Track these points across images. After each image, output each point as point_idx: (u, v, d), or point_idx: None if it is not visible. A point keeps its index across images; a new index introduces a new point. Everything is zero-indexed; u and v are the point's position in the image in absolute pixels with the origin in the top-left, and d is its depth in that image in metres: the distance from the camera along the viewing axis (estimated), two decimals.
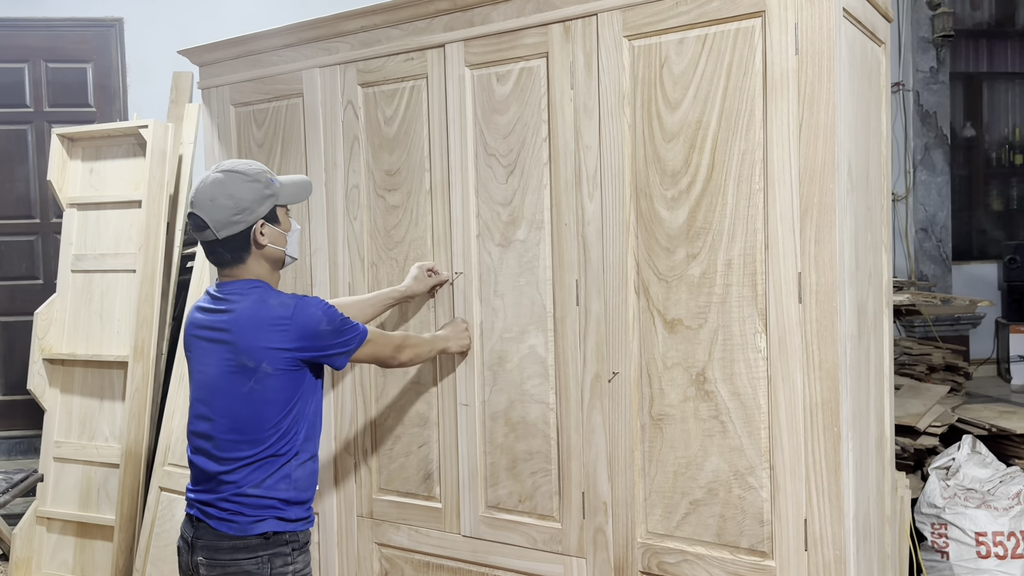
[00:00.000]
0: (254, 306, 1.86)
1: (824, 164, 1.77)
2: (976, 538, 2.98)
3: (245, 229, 1.86)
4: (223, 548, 1.85)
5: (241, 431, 1.87)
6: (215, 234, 1.85)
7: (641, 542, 2.04)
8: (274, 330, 1.84)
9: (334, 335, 1.90)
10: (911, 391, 3.54)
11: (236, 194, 1.84)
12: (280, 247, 1.94)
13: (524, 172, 2.19)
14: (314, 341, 1.87)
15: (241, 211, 1.85)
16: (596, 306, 2.09)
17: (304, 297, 1.91)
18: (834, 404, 1.79)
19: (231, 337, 1.86)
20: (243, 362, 1.84)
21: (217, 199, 1.84)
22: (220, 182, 1.85)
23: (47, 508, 3.77)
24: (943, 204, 4.99)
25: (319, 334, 1.87)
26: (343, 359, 1.94)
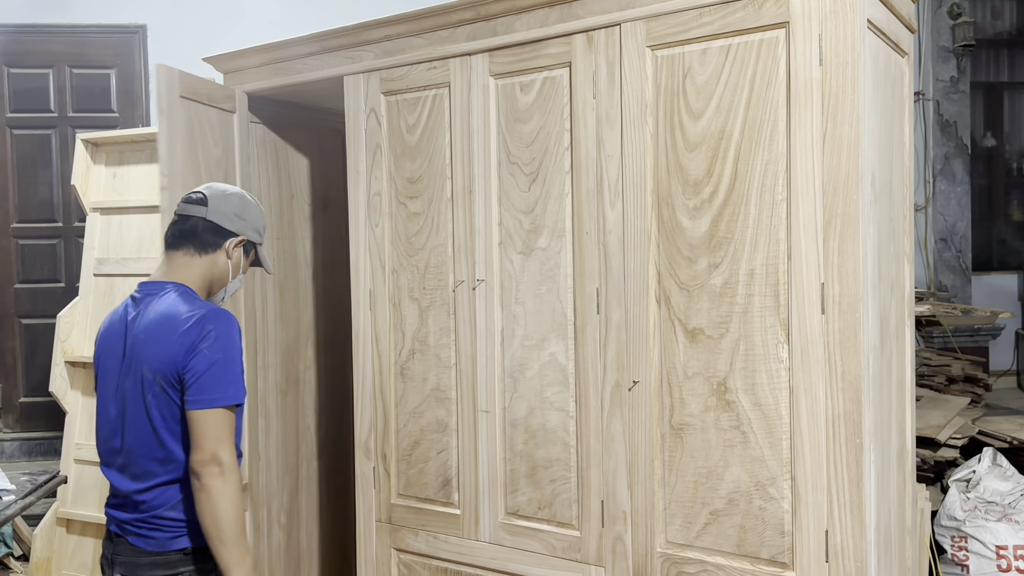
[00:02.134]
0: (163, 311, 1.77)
1: (848, 175, 1.77)
2: (997, 551, 2.96)
3: (230, 233, 1.90)
4: (142, 564, 1.78)
5: (144, 441, 1.77)
6: (207, 212, 1.87)
7: (660, 552, 2.04)
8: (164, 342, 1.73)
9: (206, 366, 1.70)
10: (931, 403, 3.52)
11: (248, 209, 1.95)
12: (230, 275, 1.91)
13: (546, 181, 2.20)
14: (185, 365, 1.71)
15: (241, 219, 1.92)
16: (617, 315, 2.09)
17: (224, 317, 1.76)
18: (857, 416, 1.79)
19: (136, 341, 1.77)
20: (143, 372, 1.75)
21: (232, 198, 1.93)
22: (242, 192, 1.98)
23: (67, 509, 3.80)
24: (963, 214, 4.96)
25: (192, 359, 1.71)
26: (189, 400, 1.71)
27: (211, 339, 1.72)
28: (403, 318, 2.49)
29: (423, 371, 2.46)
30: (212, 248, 1.88)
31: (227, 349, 1.73)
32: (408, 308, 2.48)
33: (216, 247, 1.89)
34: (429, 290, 2.44)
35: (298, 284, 3.15)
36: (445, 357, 2.41)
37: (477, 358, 2.34)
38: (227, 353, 1.73)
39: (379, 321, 2.53)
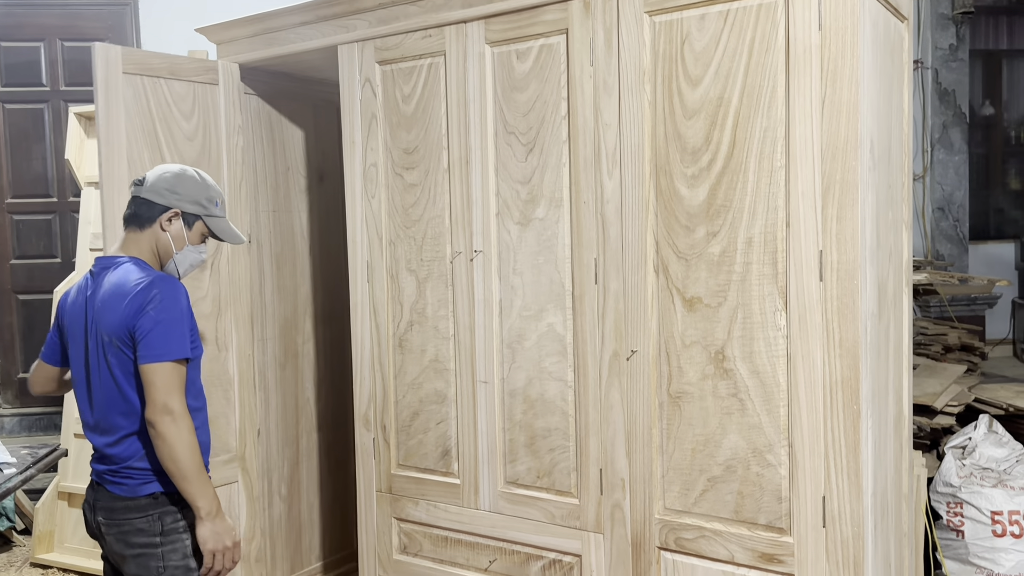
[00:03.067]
0: (116, 280, 1.94)
1: (847, 141, 1.76)
2: (992, 517, 2.98)
3: (163, 206, 2.02)
4: (117, 508, 1.96)
5: (115, 403, 1.94)
6: (141, 191, 2.02)
7: (659, 518, 2.06)
8: (118, 304, 1.90)
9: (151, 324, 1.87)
10: (927, 371, 3.54)
11: (183, 183, 2.04)
12: (173, 248, 2.05)
13: (544, 150, 2.19)
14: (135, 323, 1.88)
15: (174, 192, 2.02)
16: (615, 284, 2.09)
17: (168, 282, 1.92)
18: (854, 382, 1.79)
19: (95, 308, 1.95)
20: (101, 337, 1.92)
21: (167, 174, 2.04)
22: (183, 168, 2.07)
23: (68, 484, 3.82)
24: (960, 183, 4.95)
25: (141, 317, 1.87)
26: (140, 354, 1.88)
27: (156, 301, 1.89)
28: (401, 290, 2.49)
29: (421, 343, 2.46)
30: (148, 223, 2.02)
31: (170, 310, 1.90)
32: (406, 280, 2.47)
33: (152, 221, 2.02)
34: (426, 261, 2.43)
35: (295, 257, 3.14)
36: (443, 328, 2.41)
37: (475, 329, 2.34)
38: (170, 314, 1.90)
39: (377, 293, 2.53)
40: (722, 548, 1.97)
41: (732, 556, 1.95)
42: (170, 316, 1.90)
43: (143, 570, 1.95)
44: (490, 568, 2.36)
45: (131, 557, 1.97)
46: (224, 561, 1.95)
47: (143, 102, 2.56)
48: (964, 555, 3.02)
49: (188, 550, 1.95)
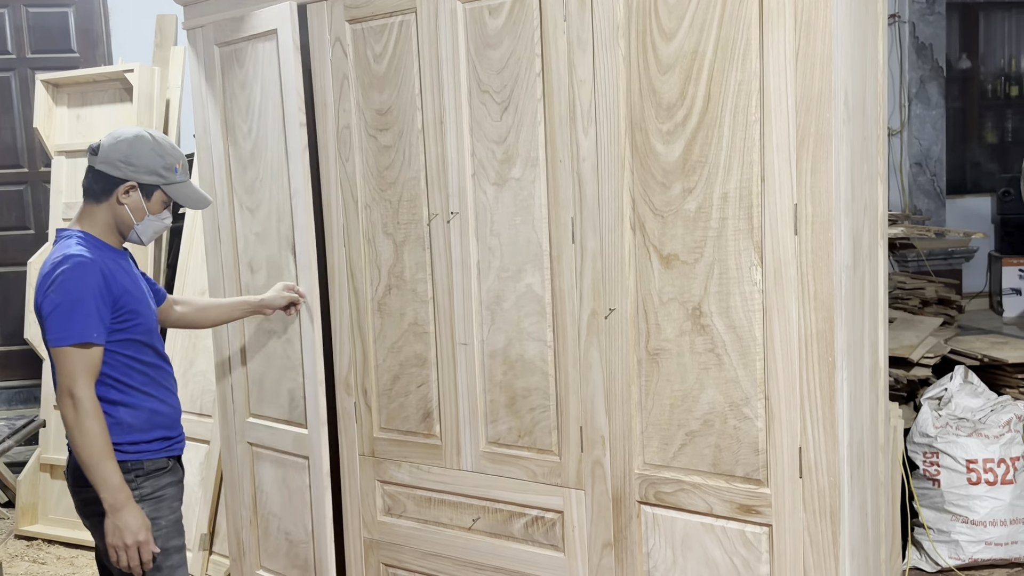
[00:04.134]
0: (48, 257, 1.93)
1: (821, 93, 1.76)
2: (967, 465, 3.04)
3: (119, 179, 1.95)
4: (77, 476, 1.96)
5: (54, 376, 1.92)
6: (96, 162, 1.96)
7: (638, 473, 2.08)
8: (39, 279, 1.89)
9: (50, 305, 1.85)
10: (904, 324, 3.57)
11: (138, 150, 1.97)
12: (133, 220, 2.00)
13: (518, 108, 2.17)
14: (40, 301, 1.87)
15: (128, 163, 1.95)
16: (592, 243, 2.09)
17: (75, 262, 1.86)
18: (829, 334, 1.81)
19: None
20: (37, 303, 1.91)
21: (121, 142, 1.97)
22: (138, 134, 1.99)
23: (50, 455, 3.82)
24: (938, 138, 4.96)
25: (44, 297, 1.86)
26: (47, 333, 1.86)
27: (58, 283, 1.83)
28: (378, 254, 2.47)
29: (400, 306, 2.45)
30: (105, 196, 1.97)
31: (70, 292, 1.83)
32: (383, 243, 2.46)
33: (108, 195, 1.97)
34: (403, 224, 2.41)
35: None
36: (422, 291, 2.40)
37: (454, 291, 2.33)
38: (71, 296, 1.83)
39: (354, 257, 2.51)
40: (701, 500, 1.99)
41: (711, 508, 1.98)
42: (70, 298, 1.83)
43: (100, 537, 1.95)
44: (474, 527, 2.39)
45: (91, 524, 1.98)
46: (126, 559, 1.87)
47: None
48: (940, 503, 3.09)
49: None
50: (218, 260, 2.83)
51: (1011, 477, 3.03)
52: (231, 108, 2.71)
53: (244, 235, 2.75)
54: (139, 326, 1.98)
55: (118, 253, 2.05)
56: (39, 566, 3.53)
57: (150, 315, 2.06)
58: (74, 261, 1.86)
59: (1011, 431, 3.06)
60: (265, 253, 2.69)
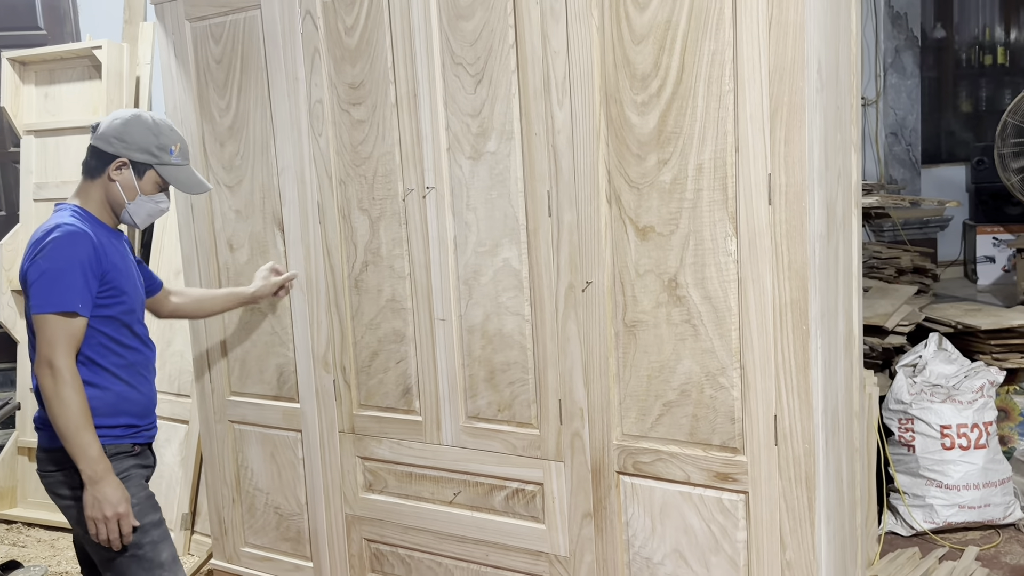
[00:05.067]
0: (40, 225, 1.93)
1: (794, 62, 1.75)
2: (941, 431, 3.09)
3: (111, 156, 1.97)
4: (42, 459, 1.97)
5: (32, 349, 1.90)
6: (93, 138, 1.99)
7: (617, 444, 2.09)
8: (28, 246, 1.89)
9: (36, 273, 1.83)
10: (880, 292, 3.61)
11: (131, 131, 1.97)
12: (124, 198, 2.00)
13: (492, 81, 2.15)
14: (27, 268, 1.86)
15: (121, 140, 1.96)
16: (568, 216, 2.08)
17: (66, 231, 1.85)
18: (803, 303, 1.82)
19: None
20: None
21: (116, 120, 1.99)
22: (136, 114, 2.01)
23: (27, 439, 3.79)
24: (913, 107, 4.98)
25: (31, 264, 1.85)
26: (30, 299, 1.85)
27: (48, 249, 1.83)
28: (354, 230, 2.46)
29: (377, 283, 2.44)
30: (98, 172, 1.98)
31: (58, 260, 1.82)
32: (358, 219, 2.44)
33: (100, 171, 1.98)
34: (379, 200, 2.40)
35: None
36: (399, 268, 2.39)
37: (431, 267, 2.33)
38: (58, 263, 1.81)
39: (329, 234, 2.49)
40: (678, 469, 2.01)
41: (688, 477, 2.00)
42: (57, 265, 1.81)
43: (74, 522, 1.96)
44: (455, 500, 2.40)
45: (62, 508, 1.97)
46: (106, 531, 1.86)
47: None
48: (915, 468, 3.14)
49: None
50: (192, 238, 2.80)
51: (984, 442, 3.08)
52: (205, 84, 2.67)
53: (222, 212, 2.72)
54: (122, 305, 1.95)
55: (112, 232, 2.03)
56: (19, 549, 3.52)
57: (136, 297, 2.03)
58: (65, 229, 1.85)
59: (984, 396, 3.11)
60: (248, 230, 2.67)
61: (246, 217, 2.66)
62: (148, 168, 2.00)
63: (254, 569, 2.86)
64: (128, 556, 1.92)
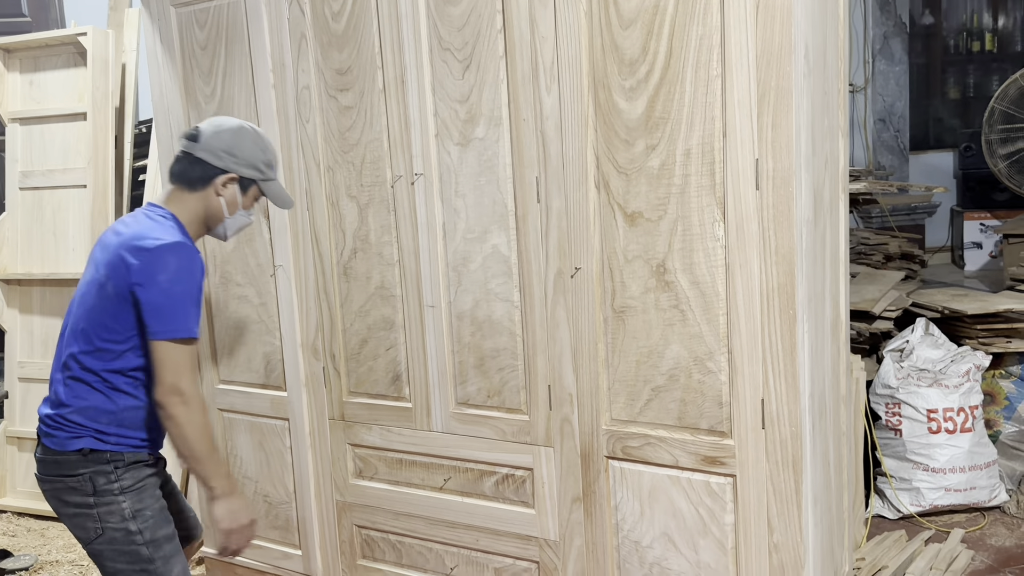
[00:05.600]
0: (149, 224, 1.82)
1: (781, 47, 1.76)
2: (928, 415, 3.12)
3: (219, 169, 1.88)
4: (48, 463, 1.86)
5: (79, 341, 1.83)
6: (195, 148, 1.88)
7: (606, 429, 2.10)
8: (131, 251, 1.77)
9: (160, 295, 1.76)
10: (867, 278, 3.63)
11: (242, 142, 1.90)
12: (225, 213, 1.93)
13: (480, 67, 2.14)
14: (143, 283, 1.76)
15: (231, 155, 1.88)
16: (557, 202, 2.08)
17: (189, 249, 1.81)
18: (790, 288, 1.83)
19: (111, 244, 1.83)
20: (102, 272, 1.81)
21: (224, 132, 1.89)
22: (240, 126, 1.92)
23: (16, 428, 3.77)
24: (901, 94, 4.99)
25: (151, 281, 1.76)
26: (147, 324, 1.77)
27: (172, 271, 1.76)
28: (342, 217, 2.45)
29: (366, 270, 2.44)
30: (200, 185, 1.89)
31: (186, 282, 1.77)
32: (347, 206, 2.43)
33: (205, 183, 1.89)
34: (367, 187, 2.39)
35: None
36: (388, 254, 2.39)
37: (420, 254, 2.32)
38: (185, 286, 1.77)
39: (318, 221, 2.49)
40: (667, 453, 2.03)
41: (676, 461, 2.02)
42: (184, 289, 1.77)
43: (81, 531, 1.86)
44: (445, 486, 2.41)
45: (67, 517, 1.88)
46: (240, 540, 1.90)
47: None
48: (902, 452, 3.16)
49: (127, 513, 1.84)
50: None
51: (970, 425, 3.11)
52: (191, 70, 2.65)
53: None
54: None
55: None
56: (9, 538, 3.51)
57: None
58: (184, 249, 1.79)
59: (970, 380, 3.14)
60: None
61: None
62: (252, 183, 1.94)
63: (244, 557, 2.86)
64: (139, 571, 1.86)
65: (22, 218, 3.79)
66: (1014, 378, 3.27)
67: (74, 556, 3.33)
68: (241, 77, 2.54)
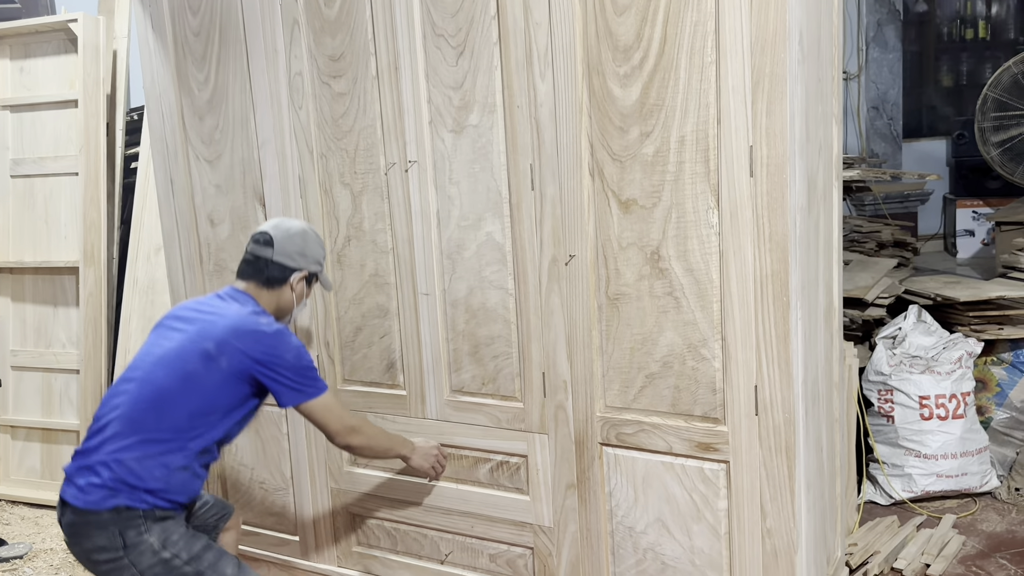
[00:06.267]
0: (249, 314, 2.00)
1: (775, 33, 1.75)
2: (920, 401, 3.13)
3: (293, 269, 2.09)
4: (77, 524, 1.88)
5: (157, 404, 1.89)
6: (273, 254, 2.07)
7: (600, 416, 2.11)
8: (251, 338, 1.94)
9: (294, 371, 1.98)
10: (860, 265, 3.64)
11: (310, 243, 2.13)
12: (295, 305, 2.14)
13: (474, 53, 2.13)
14: (274, 362, 1.95)
15: (303, 255, 2.11)
16: (551, 190, 2.08)
17: (292, 334, 2.02)
18: (783, 275, 1.83)
19: (212, 323, 1.95)
20: (207, 347, 1.92)
21: (294, 236, 2.10)
22: (304, 230, 2.14)
23: (9, 416, 3.77)
24: (895, 81, 4.99)
25: (283, 361, 1.96)
26: (289, 397, 1.99)
27: (293, 352, 1.98)
28: (336, 204, 2.44)
29: (360, 257, 2.43)
30: (278, 284, 2.09)
31: (301, 354, 2.00)
32: (340, 194, 2.43)
33: (282, 283, 2.09)
34: (360, 174, 2.38)
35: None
36: (382, 242, 2.39)
37: (414, 241, 2.32)
38: (303, 357, 2.00)
39: (311, 209, 2.48)
40: (660, 440, 2.03)
41: (670, 447, 2.02)
42: (306, 359, 2.00)
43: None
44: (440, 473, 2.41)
45: (102, 573, 1.90)
46: (439, 465, 2.32)
47: None
48: (894, 439, 3.18)
49: (156, 545, 1.87)
50: (172, 213, 2.77)
51: (962, 412, 3.13)
52: (184, 57, 2.64)
53: (202, 187, 2.70)
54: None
55: None
56: (3, 526, 3.51)
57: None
58: (284, 329, 2.00)
59: (962, 367, 3.15)
60: (229, 205, 2.65)
61: (226, 192, 2.64)
62: (315, 276, 2.17)
63: (240, 544, 2.86)
64: None
65: (13, 206, 3.77)
66: (1006, 365, 3.29)
67: None
68: (236, 63, 2.53)
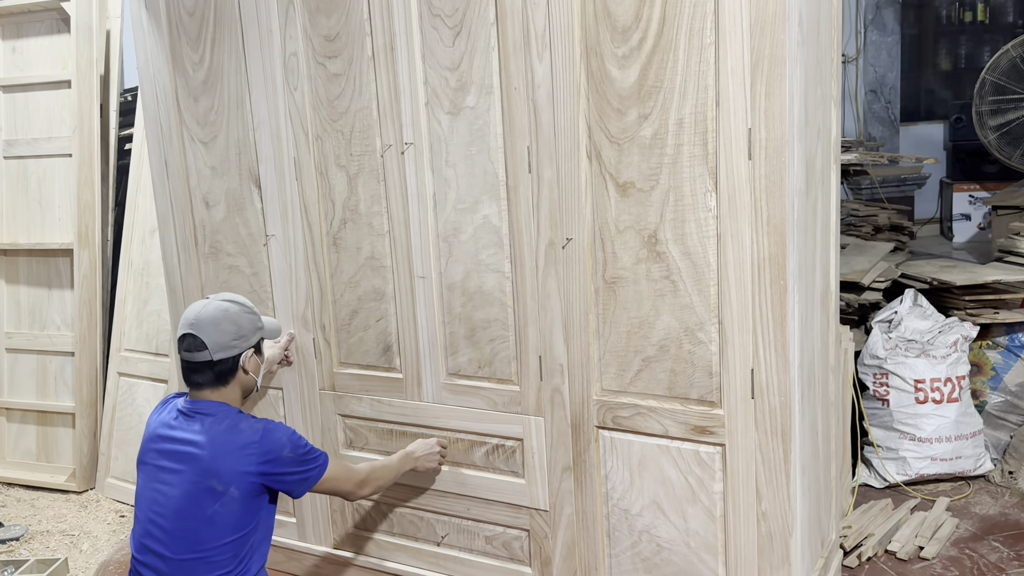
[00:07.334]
0: (227, 430, 1.93)
1: (775, 15, 1.74)
2: (915, 385, 3.14)
3: (237, 355, 1.98)
4: None
5: (199, 551, 1.90)
6: (212, 355, 1.94)
7: (596, 399, 2.11)
8: (243, 454, 1.91)
9: (295, 463, 1.96)
10: (857, 249, 3.63)
11: (238, 321, 1.99)
12: (257, 377, 2.06)
13: (471, 33, 2.11)
14: (275, 466, 1.93)
15: (240, 337, 1.98)
16: (548, 172, 2.07)
17: (272, 423, 1.98)
18: (781, 258, 1.83)
19: (203, 457, 1.90)
20: (211, 485, 1.89)
21: (221, 324, 1.96)
22: (225, 309, 1.98)
23: (4, 398, 3.76)
24: (893, 65, 4.97)
25: (281, 460, 1.94)
26: (301, 487, 2.00)
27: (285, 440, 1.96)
28: (331, 187, 2.43)
29: (356, 240, 2.42)
30: (231, 375, 2.00)
31: (295, 440, 1.98)
32: (336, 176, 2.41)
33: (233, 373, 2.00)
34: (356, 156, 2.37)
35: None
36: (378, 225, 2.38)
37: (410, 224, 2.31)
38: (298, 441, 1.99)
39: (306, 191, 2.47)
40: (657, 423, 2.04)
41: (666, 430, 2.03)
42: (300, 446, 1.98)
43: None
44: None
45: None
46: (443, 458, 2.38)
47: None
48: (889, 422, 3.19)
49: None
50: (167, 196, 2.76)
51: (956, 395, 3.14)
52: (178, 37, 2.61)
53: (197, 169, 2.68)
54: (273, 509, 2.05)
55: None
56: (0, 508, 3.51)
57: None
58: (274, 426, 1.97)
59: (957, 351, 3.16)
60: (224, 187, 2.63)
61: (222, 174, 2.63)
62: (260, 340, 2.07)
63: None
64: None
65: (7, 187, 3.75)
66: (1001, 349, 3.30)
67: (64, 526, 3.34)
68: (231, 44, 2.50)
